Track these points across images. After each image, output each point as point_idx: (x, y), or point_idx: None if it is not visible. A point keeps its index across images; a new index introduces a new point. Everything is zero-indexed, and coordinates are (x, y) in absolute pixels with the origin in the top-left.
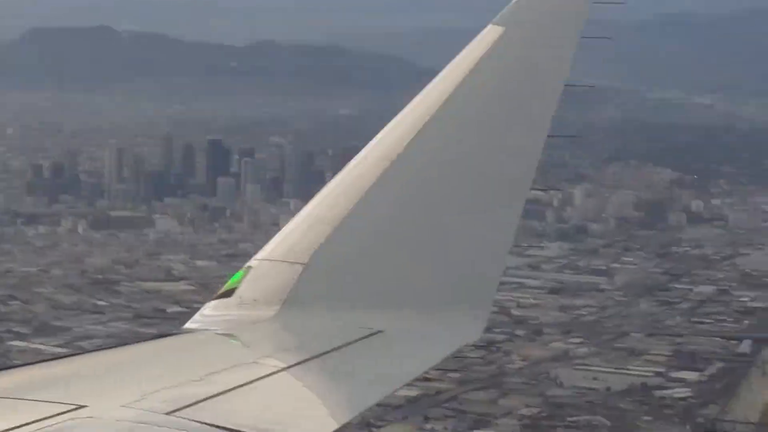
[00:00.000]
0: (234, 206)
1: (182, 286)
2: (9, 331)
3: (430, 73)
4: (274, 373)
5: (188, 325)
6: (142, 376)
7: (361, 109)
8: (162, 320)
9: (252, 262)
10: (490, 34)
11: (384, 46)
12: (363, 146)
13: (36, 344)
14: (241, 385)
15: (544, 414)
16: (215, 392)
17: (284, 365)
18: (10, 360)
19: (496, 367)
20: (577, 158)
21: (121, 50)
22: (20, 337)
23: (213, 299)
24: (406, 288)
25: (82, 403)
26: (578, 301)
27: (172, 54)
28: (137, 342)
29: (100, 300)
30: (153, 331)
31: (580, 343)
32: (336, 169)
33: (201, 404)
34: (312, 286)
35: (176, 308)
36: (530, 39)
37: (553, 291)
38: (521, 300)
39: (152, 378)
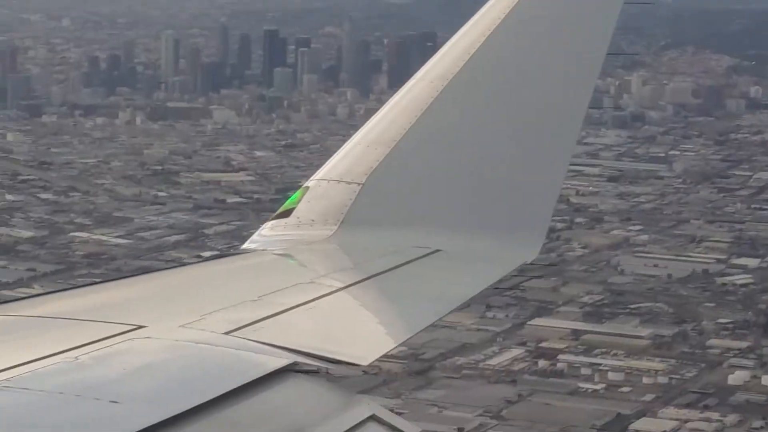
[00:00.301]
0: (291, 96)
1: (241, 176)
2: (71, 222)
3: None
4: (331, 293)
5: (246, 245)
6: (200, 297)
7: None
8: (222, 210)
9: (309, 182)
10: None
11: None
12: (412, 35)
13: (98, 235)
14: (299, 305)
15: (605, 301)
16: (273, 312)
17: (342, 285)
18: (73, 251)
19: (557, 254)
20: (634, 44)
21: None
22: (82, 228)
23: (271, 219)
24: (464, 208)
25: (141, 324)
26: (637, 189)
27: None
28: (196, 262)
29: (160, 191)
30: (213, 222)
31: (640, 230)
32: (391, 59)
33: (259, 324)
34: (369, 206)
35: (236, 198)
36: None
37: (611, 179)
38: (580, 188)
39: (211, 298)
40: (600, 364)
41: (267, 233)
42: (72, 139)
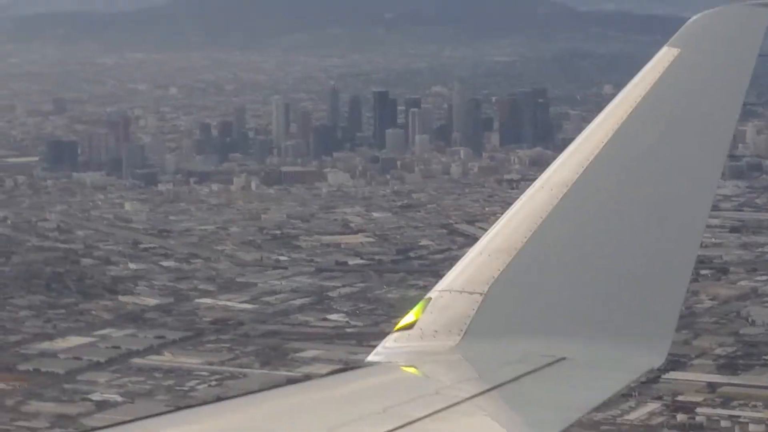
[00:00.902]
0: (404, 157)
1: (361, 238)
2: (195, 289)
3: (588, 16)
4: (458, 403)
5: (371, 357)
6: (327, 410)
7: (518, 55)
8: (344, 273)
9: (432, 294)
10: (666, 55)
11: None
12: (523, 92)
13: (223, 301)
14: (425, 417)
15: (739, 353)
16: (400, 425)
17: (468, 395)
18: (200, 318)
19: (686, 307)
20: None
21: (271, 6)
22: (206, 294)
23: (395, 331)
24: (587, 314)
25: None
26: (761, 239)
27: (323, 7)
28: (323, 376)
29: (281, 255)
30: (337, 284)
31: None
32: (503, 116)
33: None
34: (492, 316)
35: (357, 260)
36: (707, 60)
37: (734, 229)
38: (703, 239)
39: (338, 412)
40: (739, 416)
41: (390, 345)
42: (189, 206)
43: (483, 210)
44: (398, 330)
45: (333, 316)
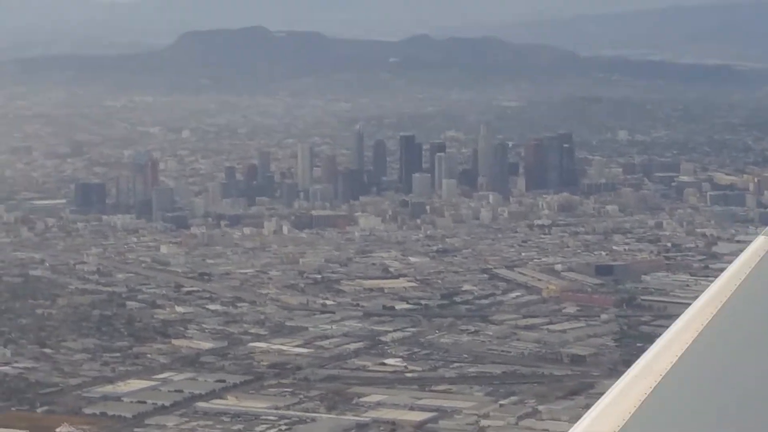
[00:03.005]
0: (432, 201)
1: (403, 282)
2: (246, 333)
3: (590, 62)
4: None
5: None
6: None
7: (525, 100)
8: (392, 317)
9: None
10: (763, 244)
11: (538, 35)
12: (548, 137)
13: (276, 345)
14: None
15: None
16: None
17: None
18: (258, 362)
19: None
20: (761, 141)
21: (276, 50)
22: (259, 338)
23: None
24: None
25: None
26: None
27: (328, 52)
28: None
29: (326, 299)
30: (388, 328)
31: None
32: (528, 161)
33: None
34: None
35: (404, 305)
36: None
37: None
38: None
39: None
40: None
41: None
42: (225, 250)
43: (519, 255)
44: None
45: (390, 361)
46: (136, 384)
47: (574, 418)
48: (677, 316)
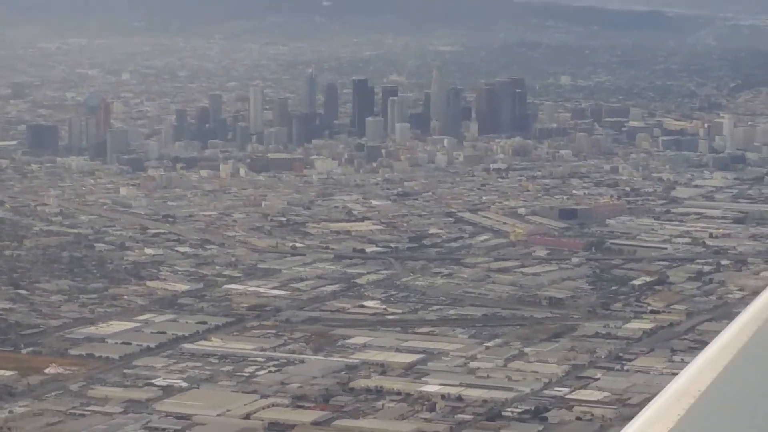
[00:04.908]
0: (386, 145)
1: (369, 225)
2: (220, 275)
3: (523, 7)
4: None
5: None
6: None
7: (461, 45)
8: (364, 260)
9: None
10: None
11: None
12: (500, 82)
13: (252, 287)
14: None
15: None
16: None
17: None
18: (237, 304)
19: (717, 297)
20: (702, 86)
21: None
22: (233, 280)
23: None
24: None
25: None
26: (766, 230)
27: None
28: None
29: (295, 242)
30: (361, 271)
31: None
32: (480, 106)
33: None
34: None
35: (374, 248)
36: None
37: (737, 221)
38: (710, 230)
39: None
40: None
41: None
42: (185, 192)
43: (481, 199)
44: None
45: (369, 303)
46: (117, 326)
47: (561, 360)
48: (647, 259)
